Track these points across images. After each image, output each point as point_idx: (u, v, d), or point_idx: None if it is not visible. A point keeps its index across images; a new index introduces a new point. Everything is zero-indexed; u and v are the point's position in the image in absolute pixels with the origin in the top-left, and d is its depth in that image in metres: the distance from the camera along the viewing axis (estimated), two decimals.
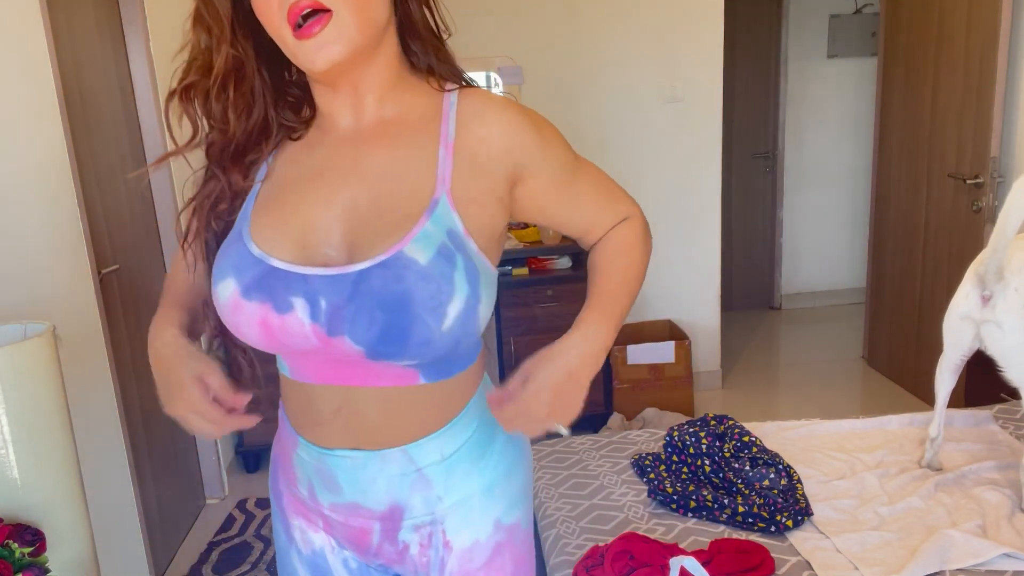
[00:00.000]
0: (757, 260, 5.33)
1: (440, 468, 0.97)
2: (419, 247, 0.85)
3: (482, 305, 0.88)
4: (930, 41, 3.51)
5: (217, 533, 2.94)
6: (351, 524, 1.01)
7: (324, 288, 0.86)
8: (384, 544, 1.01)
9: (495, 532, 1.00)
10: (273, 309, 0.87)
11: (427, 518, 0.99)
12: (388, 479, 0.96)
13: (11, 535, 1.48)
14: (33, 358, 1.60)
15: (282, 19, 0.83)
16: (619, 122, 3.79)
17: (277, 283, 0.87)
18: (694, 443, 2.02)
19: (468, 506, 0.99)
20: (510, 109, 0.94)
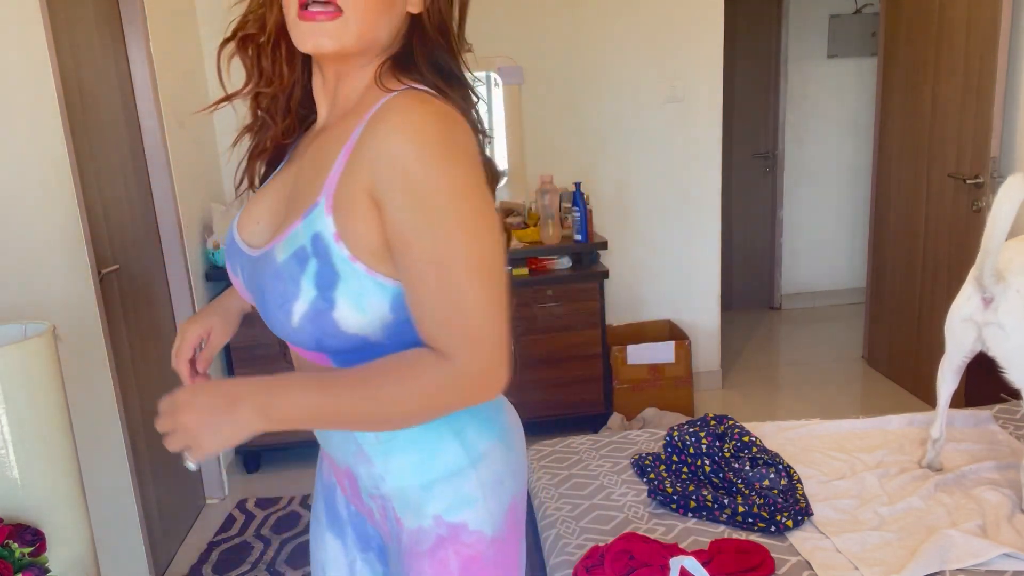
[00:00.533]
0: (757, 260, 5.33)
1: (377, 449, 1.00)
2: (283, 247, 0.91)
3: (338, 311, 0.89)
4: (930, 41, 3.51)
5: (217, 533, 2.94)
6: (335, 468, 1.11)
7: (245, 262, 1.01)
8: (356, 500, 1.10)
9: (436, 525, 1.00)
10: (230, 267, 1.06)
11: (376, 492, 1.03)
12: (338, 444, 1.04)
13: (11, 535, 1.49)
14: (33, 358, 1.60)
15: (295, 8, 0.89)
16: (619, 122, 3.79)
17: (232, 252, 1.05)
18: (694, 443, 2.02)
19: (407, 495, 1.00)
20: (403, 129, 0.84)
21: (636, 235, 3.90)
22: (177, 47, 3.15)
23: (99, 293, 2.31)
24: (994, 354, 1.86)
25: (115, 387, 2.38)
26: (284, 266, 0.90)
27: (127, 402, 2.50)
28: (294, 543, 2.83)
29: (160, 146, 2.86)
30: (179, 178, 2.97)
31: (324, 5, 0.87)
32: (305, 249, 0.89)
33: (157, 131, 2.85)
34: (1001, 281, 1.79)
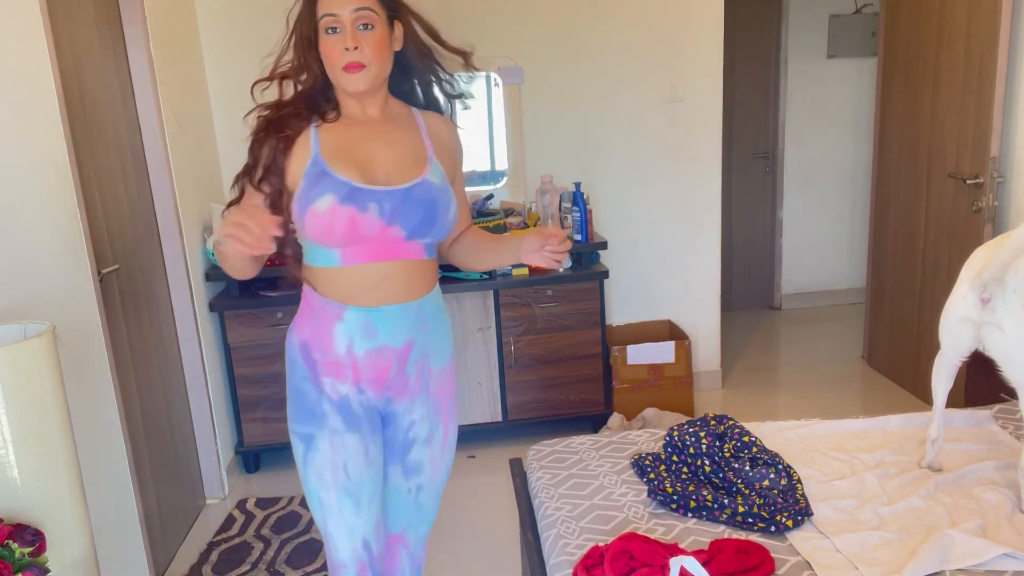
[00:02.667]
0: (757, 260, 5.33)
1: (434, 315, 1.69)
2: (433, 177, 1.61)
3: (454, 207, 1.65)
4: (930, 41, 3.51)
5: (217, 533, 2.94)
6: (378, 364, 1.62)
7: (386, 198, 1.55)
8: (396, 377, 1.65)
9: (450, 361, 1.76)
10: (358, 209, 1.52)
11: (423, 352, 1.67)
12: (408, 323, 1.63)
13: (11, 535, 1.49)
14: (33, 358, 1.60)
15: (340, 64, 1.54)
16: (619, 122, 3.79)
17: (359, 195, 1.53)
18: (694, 443, 2.02)
19: (442, 342, 1.72)
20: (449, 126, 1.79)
21: (636, 235, 3.90)
22: (177, 47, 3.15)
23: (99, 293, 2.31)
24: (992, 354, 1.86)
25: (115, 387, 2.38)
26: (442, 185, 1.62)
27: (127, 402, 2.50)
28: (294, 543, 2.83)
29: (160, 146, 2.86)
30: (179, 178, 2.97)
31: (358, 65, 1.54)
32: (444, 178, 1.63)
33: (157, 131, 2.85)
34: (1001, 284, 1.79)
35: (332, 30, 1.52)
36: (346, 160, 1.55)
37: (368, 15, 1.53)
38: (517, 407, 3.49)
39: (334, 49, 1.53)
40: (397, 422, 1.71)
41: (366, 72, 1.54)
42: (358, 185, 1.53)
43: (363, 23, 1.52)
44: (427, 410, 1.72)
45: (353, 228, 1.52)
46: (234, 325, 3.24)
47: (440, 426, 1.76)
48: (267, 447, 3.39)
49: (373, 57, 1.54)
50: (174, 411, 2.98)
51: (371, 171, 1.56)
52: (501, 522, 2.83)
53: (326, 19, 1.52)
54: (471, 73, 1.87)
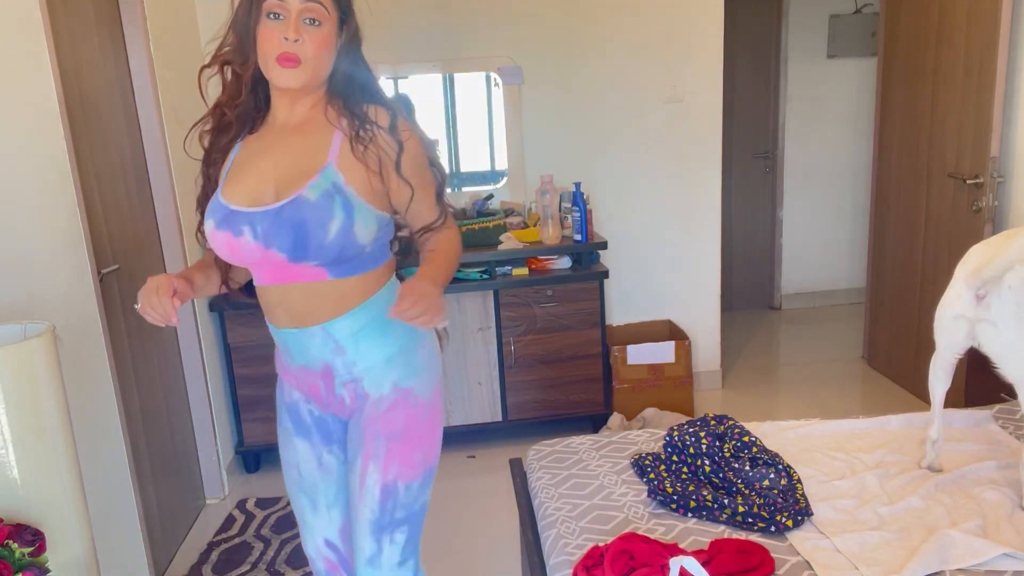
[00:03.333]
0: (757, 260, 5.33)
1: (351, 340, 1.50)
2: (311, 192, 1.42)
3: (357, 226, 1.43)
4: (930, 41, 3.51)
5: (217, 533, 2.94)
6: (306, 381, 1.56)
7: (259, 219, 1.42)
8: (329, 396, 1.56)
9: (392, 392, 1.52)
10: (232, 234, 1.43)
11: (349, 377, 1.52)
12: (317, 347, 1.51)
13: (11, 535, 1.48)
14: (33, 358, 1.60)
15: (274, 54, 1.41)
16: (619, 122, 3.79)
17: (234, 218, 1.44)
18: (694, 443, 2.02)
19: (374, 371, 1.52)
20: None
21: (636, 235, 3.90)
22: (177, 47, 3.15)
23: (99, 293, 2.31)
24: (987, 350, 1.86)
25: (115, 387, 2.38)
26: (319, 201, 1.40)
27: (127, 402, 2.50)
28: (294, 543, 2.83)
29: (160, 146, 2.87)
30: (179, 178, 2.97)
31: (295, 57, 1.40)
32: (329, 191, 1.42)
33: (157, 131, 2.85)
34: (996, 283, 1.79)
35: (275, 16, 1.39)
36: (240, 177, 1.47)
37: (318, 10, 1.41)
38: (517, 407, 3.49)
39: (272, 35, 1.40)
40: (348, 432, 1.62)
41: (301, 69, 1.41)
42: (233, 207, 1.44)
43: (310, 17, 1.40)
44: (355, 434, 1.55)
45: (233, 252, 1.45)
46: (234, 325, 3.24)
47: (358, 461, 1.53)
48: (267, 447, 3.39)
49: (313, 54, 1.41)
50: (174, 411, 2.98)
51: (261, 188, 1.45)
52: (501, 522, 2.83)
53: (271, 3, 1.39)
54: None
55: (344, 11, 1.46)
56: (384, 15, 3.51)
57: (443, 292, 1.45)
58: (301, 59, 1.40)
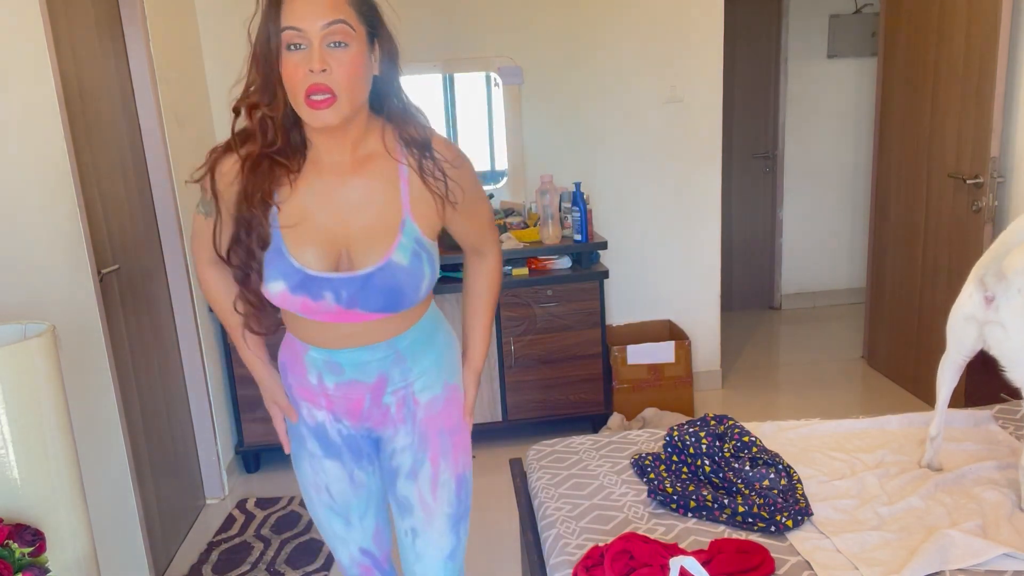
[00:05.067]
0: (757, 260, 5.33)
1: (411, 350, 1.49)
2: (400, 254, 1.36)
3: (435, 275, 1.42)
4: (930, 41, 3.51)
5: (217, 533, 2.94)
6: (349, 396, 1.49)
7: (343, 285, 1.36)
8: (372, 408, 1.50)
9: (444, 390, 1.55)
10: (310, 299, 1.36)
11: (402, 384, 1.50)
12: (378, 360, 1.47)
13: (11, 535, 1.48)
14: (33, 358, 1.60)
15: (301, 90, 1.25)
16: (619, 122, 3.79)
17: (312, 284, 1.36)
18: (694, 443, 2.02)
19: (428, 373, 1.52)
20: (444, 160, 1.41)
21: (636, 235, 3.90)
22: (177, 47, 3.15)
23: (99, 293, 2.31)
24: (995, 353, 1.85)
25: (115, 387, 2.38)
26: (411, 265, 1.37)
27: (127, 402, 2.50)
28: (294, 543, 2.83)
29: (160, 146, 2.86)
30: (179, 178, 2.97)
31: (326, 91, 1.25)
32: (416, 249, 1.37)
33: (157, 131, 2.85)
34: (1003, 280, 1.79)
35: (295, 46, 1.23)
36: (306, 234, 1.35)
37: (342, 30, 1.24)
38: (517, 407, 3.49)
39: (296, 69, 1.24)
40: (383, 447, 1.58)
41: (336, 105, 1.25)
42: (312, 273, 1.34)
43: (335, 40, 1.23)
44: (410, 441, 1.53)
45: (307, 310, 1.38)
46: None
47: (427, 463, 1.54)
48: (267, 447, 3.39)
49: (346, 82, 1.25)
50: (174, 411, 2.98)
51: (333, 248, 1.36)
52: (501, 522, 2.83)
53: (288, 33, 1.23)
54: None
55: (372, 23, 1.31)
56: (384, 15, 3.50)
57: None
58: (334, 91, 1.24)
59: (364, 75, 1.29)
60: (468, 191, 1.45)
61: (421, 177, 1.37)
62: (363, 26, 1.28)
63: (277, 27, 1.24)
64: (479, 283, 1.61)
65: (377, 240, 1.35)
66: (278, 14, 1.24)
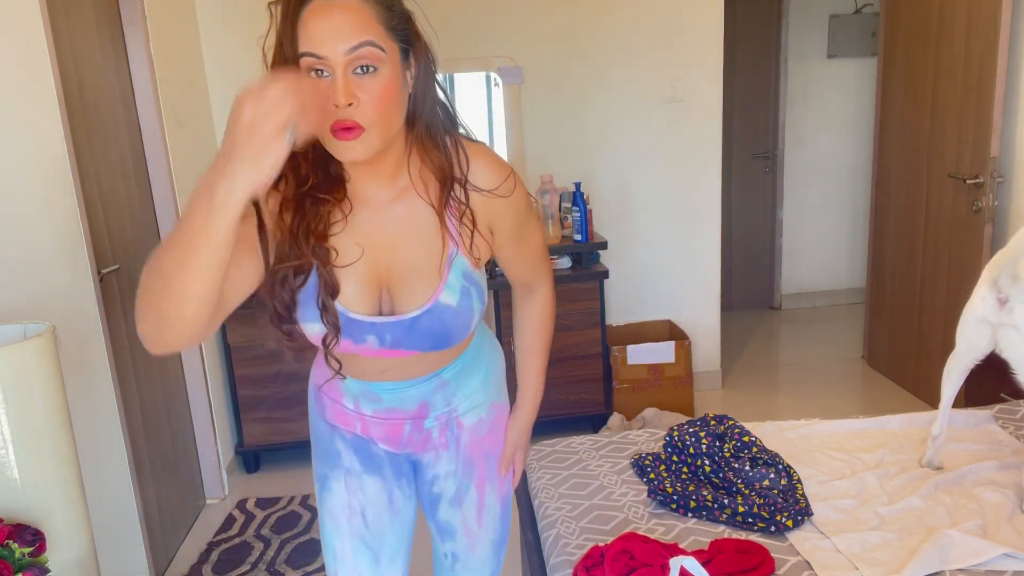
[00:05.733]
0: (757, 260, 5.33)
1: (455, 375, 1.39)
2: (449, 295, 1.24)
3: (484, 307, 1.29)
4: (930, 41, 3.51)
5: (217, 533, 2.94)
6: (388, 423, 1.39)
7: (388, 329, 1.24)
8: (412, 434, 1.40)
9: (490, 411, 1.46)
10: (352, 342, 1.25)
11: (445, 409, 1.40)
12: (420, 391, 1.37)
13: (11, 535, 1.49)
14: (33, 358, 1.60)
15: (326, 124, 1.06)
16: (619, 122, 3.79)
17: (354, 327, 1.23)
18: (694, 443, 2.02)
19: (473, 396, 1.42)
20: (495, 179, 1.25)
21: (636, 235, 3.90)
22: (177, 47, 3.15)
23: (99, 293, 2.31)
24: (1007, 356, 1.81)
25: (115, 387, 2.38)
26: (460, 304, 1.24)
27: (127, 402, 2.50)
28: (294, 543, 2.83)
29: (160, 146, 2.86)
30: (179, 178, 2.97)
31: (353, 126, 1.06)
32: (465, 286, 1.25)
33: (157, 131, 2.85)
34: (1017, 282, 1.77)
35: (317, 72, 1.05)
36: (345, 272, 1.21)
37: (370, 53, 1.05)
38: None
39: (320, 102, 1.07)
40: (422, 472, 1.48)
41: (365, 137, 1.07)
42: (354, 317, 1.22)
43: (362, 65, 1.05)
44: (455, 467, 1.44)
45: (347, 350, 1.27)
46: (234, 325, 3.24)
47: (472, 489, 1.46)
48: (267, 447, 3.39)
49: (377, 115, 1.07)
50: (174, 411, 2.98)
51: (373, 287, 1.24)
52: None
53: (307, 60, 1.05)
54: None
55: (405, 37, 1.11)
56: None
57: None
58: (363, 125, 1.06)
59: (398, 101, 1.11)
60: (519, 220, 1.30)
61: (441, 219, 1.21)
62: (395, 42, 1.09)
63: (295, 51, 1.06)
64: (532, 321, 1.51)
65: (422, 279, 1.23)
66: (294, 35, 1.06)
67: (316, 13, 1.04)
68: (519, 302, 1.50)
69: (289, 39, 1.06)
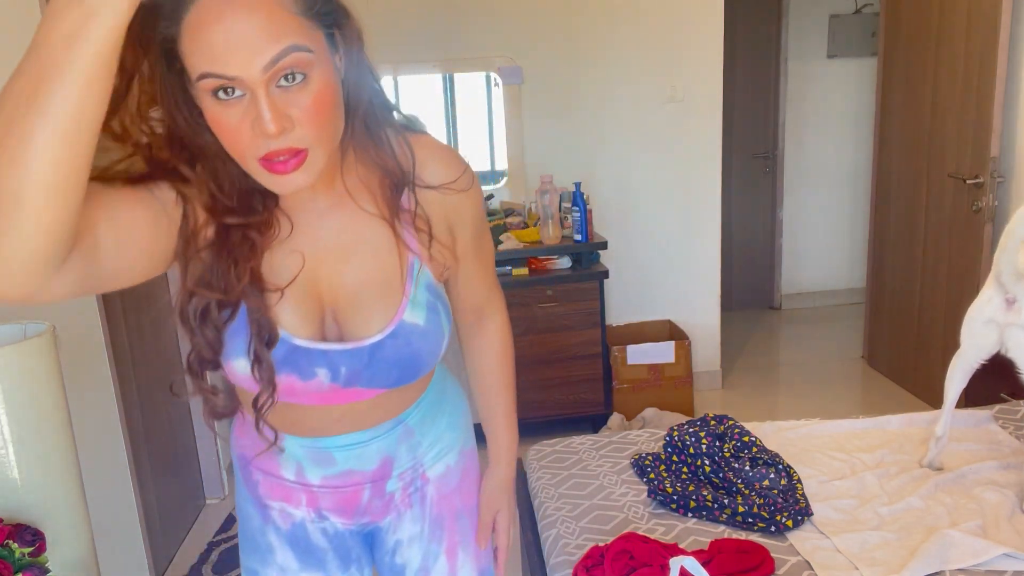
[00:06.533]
0: (757, 260, 5.33)
1: (420, 422, 1.16)
2: (415, 312, 1.01)
3: (451, 328, 1.09)
4: (930, 41, 3.51)
5: (217, 533, 2.94)
6: (342, 490, 1.14)
7: (343, 359, 1.00)
8: (372, 500, 1.16)
9: (460, 458, 1.23)
10: (299, 377, 0.99)
11: (410, 462, 1.16)
12: (382, 443, 1.13)
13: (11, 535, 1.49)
14: (33, 358, 1.60)
15: (252, 157, 0.83)
16: (619, 122, 3.79)
17: (300, 358, 0.98)
18: (694, 443, 2.02)
19: (440, 442, 1.19)
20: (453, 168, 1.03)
21: (636, 235, 3.90)
22: None
23: None
24: (1013, 355, 1.81)
25: (115, 387, 2.38)
26: (429, 322, 1.02)
27: (127, 402, 2.50)
28: None
29: None
30: None
31: (291, 155, 0.82)
32: (431, 301, 1.03)
33: None
34: (1021, 280, 1.77)
35: (227, 92, 0.80)
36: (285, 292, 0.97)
37: (297, 60, 0.80)
38: (517, 407, 3.49)
39: (237, 129, 0.81)
40: (381, 541, 1.23)
41: (308, 162, 0.84)
42: (300, 343, 0.98)
43: (288, 73, 0.80)
44: (420, 529, 1.20)
45: (291, 392, 1.01)
46: None
47: (442, 556, 1.21)
48: None
49: (316, 129, 0.84)
50: (174, 411, 2.98)
51: (315, 310, 1.00)
52: None
53: (208, 81, 0.79)
54: None
55: (328, 19, 0.85)
56: (384, 15, 3.51)
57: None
58: (303, 147, 0.83)
59: (336, 104, 0.86)
60: (479, 221, 1.10)
61: (393, 228, 1.00)
62: (319, 30, 0.83)
63: (184, 68, 0.81)
64: (491, 353, 1.26)
65: (377, 297, 1.00)
66: (177, 48, 0.80)
67: (210, 15, 0.77)
68: (470, 335, 1.26)
69: (172, 58, 0.81)
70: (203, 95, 0.81)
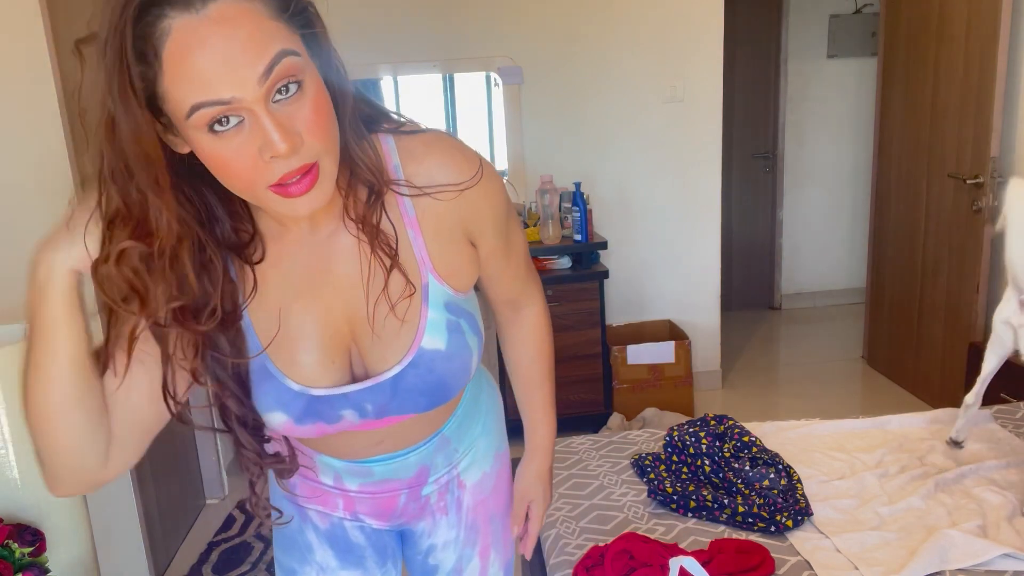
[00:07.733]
0: (757, 260, 5.33)
1: (457, 431, 1.16)
2: (433, 337, 0.95)
3: (482, 338, 1.03)
4: (930, 41, 3.51)
5: (217, 533, 2.94)
6: (379, 496, 1.14)
7: (366, 397, 0.96)
8: (408, 504, 1.17)
9: (495, 462, 1.25)
10: (326, 424, 0.97)
11: (446, 467, 1.16)
12: (420, 455, 1.12)
13: (11, 535, 1.49)
14: None
15: (263, 185, 0.77)
16: (619, 122, 3.79)
17: (322, 407, 0.96)
18: (694, 443, 2.02)
19: (475, 448, 1.20)
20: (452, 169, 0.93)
21: (636, 235, 3.90)
22: None
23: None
24: None
25: None
26: (451, 345, 0.96)
27: None
28: None
29: None
30: None
31: (303, 172, 0.76)
32: (451, 320, 0.96)
33: None
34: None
35: (220, 123, 0.73)
36: (291, 338, 0.92)
37: (289, 65, 0.74)
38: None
39: (237, 158, 0.74)
40: (414, 542, 1.24)
41: (321, 177, 0.78)
42: (318, 394, 0.94)
43: (285, 83, 0.74)
44: (455, 535, 1.21)
45: (324, 433, 1.00)
46: None
47: (475, 558, 1.23)
48: None
49: (323, 138, 0.78)
50: None
51: (339, 350, 0.95)
52: None
53: (203, 113, 0.72)
54: None
55: (298, 18, 0.78)
56: (384, 15, 3.51)
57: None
58: (315, 163, 0.77)
59: (331, 105, 0.80)
60: (502, 219, 1.00)
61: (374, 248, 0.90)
62: (296, 32, 0.77)
63: (166, 106, 0.74)
64: (529, 344, 1.24)
65: (393, 324, 0.94)
66: (158, 81, 0.73)
67: (192, 39, 0.70)
68: (507, 325, 1.23)
69: (151, 96, 0.74)
70: (196, 135, 0.74)
